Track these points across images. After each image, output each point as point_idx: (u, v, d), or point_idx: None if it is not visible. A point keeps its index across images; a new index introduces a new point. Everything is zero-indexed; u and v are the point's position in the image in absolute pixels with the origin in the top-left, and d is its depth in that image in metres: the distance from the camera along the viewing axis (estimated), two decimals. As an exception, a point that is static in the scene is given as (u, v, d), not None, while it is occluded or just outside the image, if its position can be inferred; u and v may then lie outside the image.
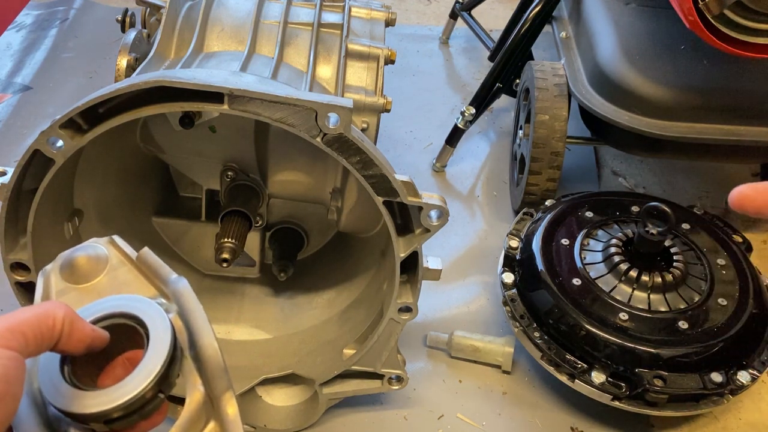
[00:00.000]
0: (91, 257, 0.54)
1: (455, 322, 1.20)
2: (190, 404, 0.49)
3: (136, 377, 0.47)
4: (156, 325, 0.50)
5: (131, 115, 0.74)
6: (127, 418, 0.47)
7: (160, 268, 0.54)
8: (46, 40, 1.87)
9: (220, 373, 0.49)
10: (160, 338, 0.49)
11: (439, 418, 1.07)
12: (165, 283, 0.53)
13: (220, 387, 0.49)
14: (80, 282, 0.53)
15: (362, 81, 1.02)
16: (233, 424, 0.49)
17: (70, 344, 0.47)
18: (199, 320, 0.50)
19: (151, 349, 0.49)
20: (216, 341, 0.49)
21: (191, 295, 0.52)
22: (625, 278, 1.05)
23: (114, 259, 0.55)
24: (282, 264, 1.10)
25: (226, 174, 1.04)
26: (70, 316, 0.47)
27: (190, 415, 0.48)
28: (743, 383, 0.96)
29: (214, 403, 0.49)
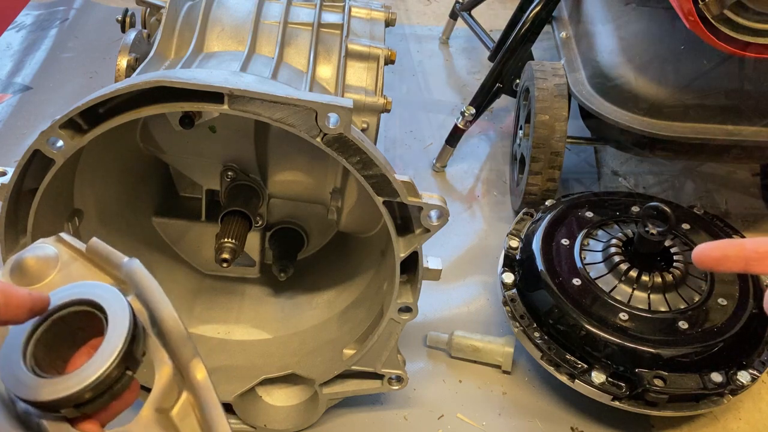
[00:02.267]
0: (39, 257, 0.54)
1: (455, 322, 1.20)
2: (159, 379, 0.49)
3: (100, 357, 0.47)
4: (113, 306, 0.50)
5: (131, 115, 0.74)
6: (97, 399, 0.47)
7: (111, 254, 0.54)
8: (46, 40, 1.87)
9: (184, 341, 0.49)
10: (118, 317, 0.49)
11: (439, 418, 1.07)
12: (118, 268, 0.53)
13: (186, 355, 0.49)
14: (33, 283, 0.53)
15: (362, 81, 1.02)
16: (204, 389, 0.49)
17: (9, 312, 0.47)
18: (156, 294, 0.50)
19: (110, 328, 0.49)
20: (175, 312, 0.50)
21: (144, 272, 0.52)
22: (625, 278, 1.05)
23: (65, 256, 0.55)
24: (282, 264, 1.10)
25: (226, 174, 1.04)
26: (2, 285, 0.47)
27: (161, 388, 0.49)
28: (743, 383, 0.96)
29: (183, 372, 0.50)
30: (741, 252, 0.63)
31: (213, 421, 0.48)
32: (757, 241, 0.63)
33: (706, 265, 0.65)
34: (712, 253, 0.65)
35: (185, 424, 0.49)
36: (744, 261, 0.63)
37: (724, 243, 0.64)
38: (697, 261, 0.66)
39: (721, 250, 0.64)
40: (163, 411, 0.49)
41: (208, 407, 0.48)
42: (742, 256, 0.63)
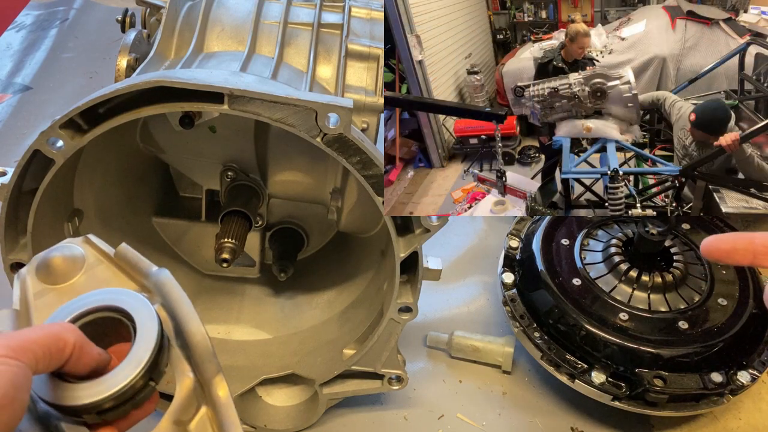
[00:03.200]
0: (66, 257, 0.54)
1: (455, 322, 1.20)
2: (180, 391, 0.49)
3: (126, 367, 0.47)
4: (142, 316, 0.50)
5: (131, 115, 0.74)
6: (119, 408, 0.48)
7: (140, 262, 0.54)
8: (46, 40, 1.87)
9: (209, 357, 0.49)
10: (146, 328, 0.49)
11: (439, 418, 1.07)
12: (146, 276, 0.53)
13: (210, 371, 0.49)
14: (58, 282, 0.53)
15: (362, 81, 1.02)
16: (225, 406, 0.49)
17: (77, 367, 0.47)
18: (185, 307, 0.50)
19: (138, 338, 0.49)
20: (203, 327, 0.49)
21: (174, 284, 0.52)
22: (625, 278, 1.05)
23: (91, 258, 0.55)
24: (282, 264, 1.10)
25: (226, 174, 1.04)
26: (80, 342, 0.47)
27: (181, 401, 0.49)
28: (743, 383, 0.96)
29: (205, 388, 0.49)
30: (750, 245, 0.63)
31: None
32: (766, 236, 0.63)
33: (714, 256, 0.66)
34: (722, 245, 0.65)
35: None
36: (752, 255, 0.63)
37: (733, 236, 0.65)
38: (706, 252, 0.66)
39: (730, 243, 0.64)
40: (181, 424, 0.49)
41: (228, 425, 0.48)
42: (750, 250, 0.63)
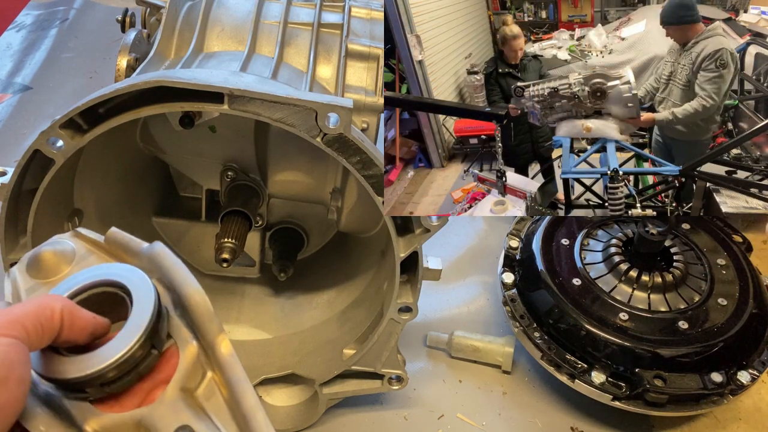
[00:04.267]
0: (57, 251, 0.54)
1: (455, 322, 1.20)
2: (184, 358, 0.49)
3: (126, 335, 0.47)
4: (137, 286, 0.49)
5: (131, 115, 0.74)
6: (122, 378, 0.47)
7: (130, 242, 0.54)
8: (46, 40, 1.87)
9: (210, 317, 0.49)
10: (143, 296, 0.49)
11: (439, 418, 1.07)
12: (138, 255, 0.53)
13: (213, 331, 0.49)
14: (49, 276, 0.53)
15: (362, 81, 1.02)
16: (230, 363, 0.49)
17: (72, 333, 0.47)
18: (181, 272, 0.50)
19: (136, 306, 0.48)
20: (201, 288, 0.49)
21: (167, 252, 0.51)
22: (625, 278, 1.05)
23: (81, 250, 0.55)
24: (282, 264, 1.10)
25: (226, 174, 1.04)
26: (69, 307, 0.46)
27: (186, 368, 0.48)
28: (743, 383, 0.96)
29: (209, 349, 0.49)
30: None
31: (240, 395, 0.48)
32: None
33: None
34: None
35: (211, 403, 0.49)
36: None
37: None
38: None
39: None
40: (188, 390, 0.48)
41: (235, 381, 0.48)
42: None
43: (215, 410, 0.48)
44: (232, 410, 0.48)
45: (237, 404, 0.48)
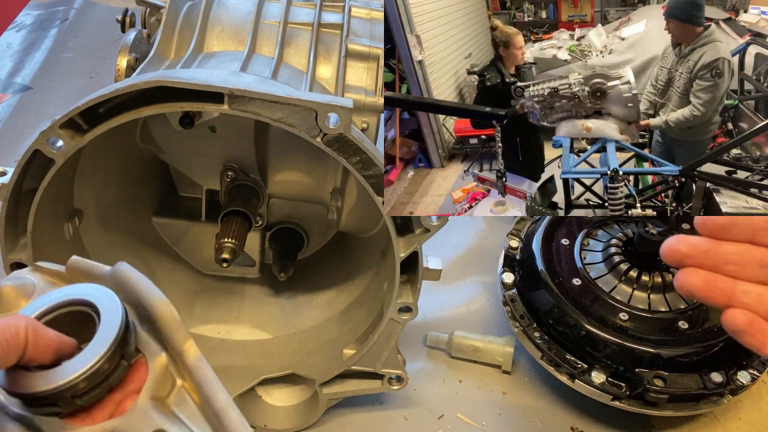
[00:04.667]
0: (16, 285, 0.54)
1: (455, 322, 1.20)
2: (153, 368, 0.49)
3: (95, 346, 0.47)
4: (103, 301, 0.50)
5: (131, 115, 0.74)
6: (93, 390, 0.47)
7: (93, 268, 0.54)
8: (46, 40, 1.87)
9: (177, 326, 0.50)
10: (110, 309, 0.49)
11: (439, 418, 1.07)
12: (101, 279, 0.53)
13: (180, 339, 0.49)
14: (9, 310, 0.53)
15: (362, 81, 1.02)
16: (198, 368, 0.49)
17: (37, 352, 0.46)
18: (144, 285, 0.51)
19: (104, 319, 0.49)
20: (165, 297, 0.50)
21: (130, 269, 0.52)
22: (625, 278, 1.05)
23: (41, 284, 0.55)
24: (282, 264, 1.10)
25: (226, 174, 1.04)
26: (33, 325, 0.47)
27: (155, 378, 0.49)
28: (743, 383, 0.96)
29: (177, 358, 0.50)
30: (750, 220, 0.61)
31: (211, 396, 0.48)
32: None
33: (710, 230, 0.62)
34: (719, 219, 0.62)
35: (183, 408, 0.49)
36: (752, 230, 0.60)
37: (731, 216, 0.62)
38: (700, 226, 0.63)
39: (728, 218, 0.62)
40: (159, 399, 0.49)
41: (204, 384, 0.49)
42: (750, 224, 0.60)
43: (188, 415, 0.49)
44: (205, 413, 0.49)
45: (209, 405, 0.48)
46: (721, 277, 0.63)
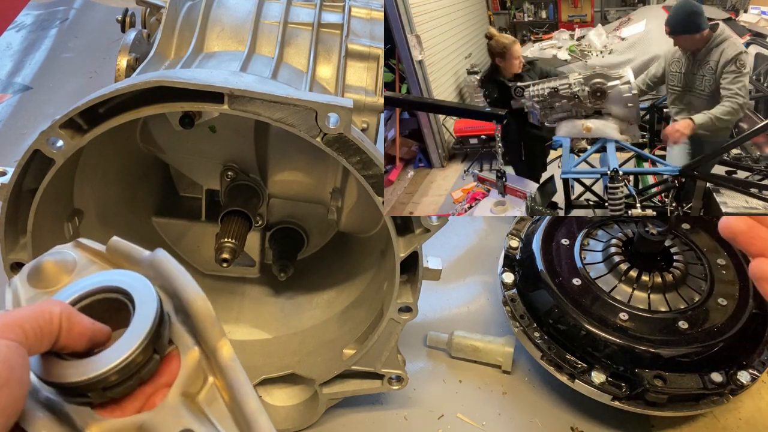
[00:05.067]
0: (57, 261, 0.54)
1: (455, 322, 1.20)
2: (185, 364, 0.49)
3: (128, 339, 0.47)
4: (140, 291, 0.49)
5: (131, 115, 0.74)
6: (124, 383, 0.47)
7: (132, 251, 0.54)
8: (46, 40, 1.87)
9: (212, 322, 0.49)
10: (146, 300, 0.49)
11: (439, 418, 1.07)
12: (140, 263, 0.53)
13: (214, 336, 0.49)
14: (49, 286, 0.53)
15: (362, 81, 1.02)
16: (231, 367, 0.49)
17: (71, 338, 0.46)
18: (182, 278, 0.50)
19: (138, 311, 0.48)
20: (203, 293, 0.49)
21: (169, 259, 0.51)
22: (625, 278, 1.05)
23: (82, 260, 0.55)
24: (282, 264, 1.10)
25: (226, 174, 1.04)
26: (67, 311, 0.46)
27: (187, 373, 0.48)
28: (743, 383, 0.96)
29: (211, 354, 0.49)
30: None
31: (242, 399, 0.48)
32: None
33: (732, 232, 0.64)
34: (741, 222, 0.63)
35: (213, 408, 0.49)
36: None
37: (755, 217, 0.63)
38: (725, 229, 0.64)
39: (750, 220, 0.63)
40: (190, 396, 0.48)
41: (237, 386, 0.48)
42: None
43: (217, 415, 0.48)
44: (234, 415, 0.48)
45: (239, 409, 0.48)
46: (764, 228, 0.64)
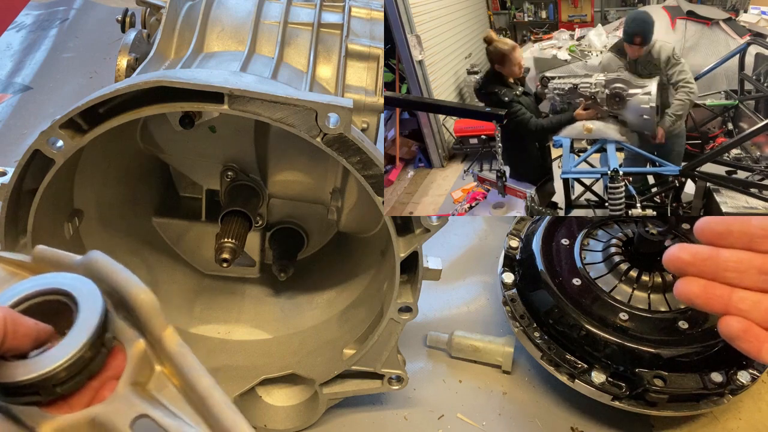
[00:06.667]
0: None
1: (455, 322, 1.20)
2: (132, 355, 0.49)
3: (76, 334, 0.47)
4: (80, 288, 0.49)
5: (131, 115, 0.74)
6: (74, 378, 0.47)
7: (62, 257, 0.53)
8: (46, 40, 1.87)
9: (156, 313, 0.49)
10: (89, 296, 0.49)
11: (439, 418, 1.07)
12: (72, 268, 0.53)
13: (159, 326, 0.49)
14: None
15: (362, 81, 1.02)
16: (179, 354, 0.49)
17: (16, 340, 0.46)
18: (123, 273, 0.50)
19: (83, 307, 0.48)
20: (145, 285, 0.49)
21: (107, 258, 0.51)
22: (625, 278, 1.05)
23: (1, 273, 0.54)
24: (282, 264, 1.10)
25: (226, 174, 1.04)
26: (10, 314, 0.46)
27: (135, 362, 0.49)
28: (743, 383, 0.96)
29: (156, 345, 0.49)
30: (746, 228, 0.61)
31: (194, 380, 0.48)
32: (764, 218, 0.62)
33: (707, 238, 0.64)
34: (716, 226, 0.63)
35: (163, 393, 0.49)
36: (749, 237, 0.61)
37: (729, 218, 0.63)
38: (699, 233, 0.64)
39: (725, 225, 0.63)
40: (139, 384, 0.49)
41: (187, 369, 0.48)
42: (746, 233, 0.61)
43: (169, 399, 0.49)
44: (187, 396, 0.49)
45: (191, 389, 0.48)
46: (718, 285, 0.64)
